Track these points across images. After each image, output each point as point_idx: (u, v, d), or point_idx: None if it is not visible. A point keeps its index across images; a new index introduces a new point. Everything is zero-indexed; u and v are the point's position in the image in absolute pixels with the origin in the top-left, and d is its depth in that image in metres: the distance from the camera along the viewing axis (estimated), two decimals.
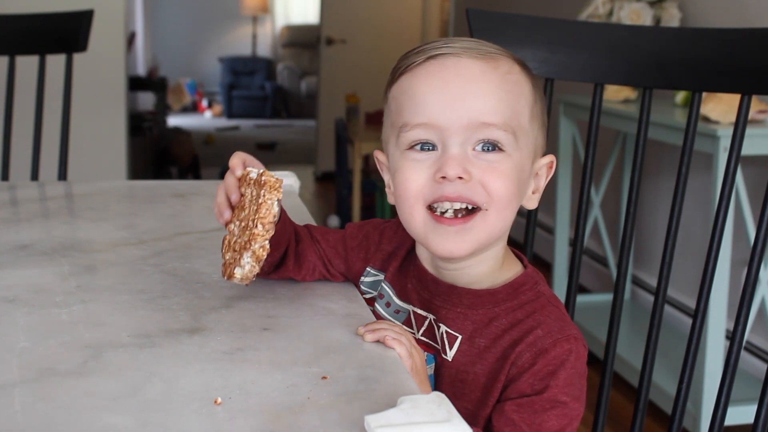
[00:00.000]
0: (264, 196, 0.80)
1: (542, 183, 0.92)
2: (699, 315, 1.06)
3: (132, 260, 1.04)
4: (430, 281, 0.91)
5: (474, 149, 0.84)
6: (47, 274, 0.98)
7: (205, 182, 1.54)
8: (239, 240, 0.81)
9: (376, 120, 4.95)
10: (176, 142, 6.08)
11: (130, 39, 6.28)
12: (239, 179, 0.87)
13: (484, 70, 0.85)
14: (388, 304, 0.94)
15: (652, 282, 3.12)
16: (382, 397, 0.69)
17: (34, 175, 1.69)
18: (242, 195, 0.86)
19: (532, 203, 0.91)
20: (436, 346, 0.89)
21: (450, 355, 0.87)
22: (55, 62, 1.84)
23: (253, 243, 0.77)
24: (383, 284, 0.95)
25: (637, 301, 3.19)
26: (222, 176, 0.91)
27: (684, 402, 1.07)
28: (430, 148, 0.85)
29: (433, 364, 0.88)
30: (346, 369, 0.75)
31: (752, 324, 2.46)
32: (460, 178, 0.82)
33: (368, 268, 0.97)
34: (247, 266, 0.78)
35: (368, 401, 0.68)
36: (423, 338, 0.90)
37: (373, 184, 4.73)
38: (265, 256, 0.79)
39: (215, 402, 0.67)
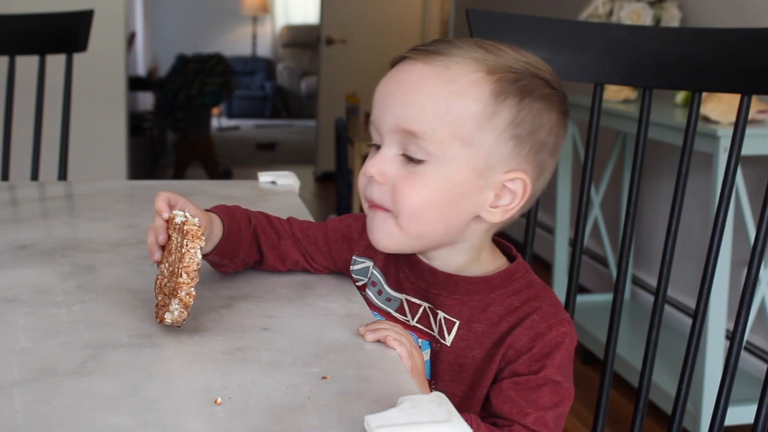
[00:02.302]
0: (187, 245, 0.82)
1: (516, 202, 0.88)
2: (699, 315, 1.06)
3: (132, 260, 1.04)
4: (426, 271, 0.93)
5: (404, 155, 0.87)
6: (47, 274, 0.98)
7: (205, 182, 1.54)
8: (168, 284, 0.83)
9: None
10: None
11: (130, 39, 6.29)
12: (167, 221, 0.88)
13: (423, 77, 0.85)
14: (380, 292, 0.96)
15: (652, 282, 3.12)
16: (382, 397, 0.69)
17: (34, 175, 1.69)
18: (170, 237, 0.87)
19: (493, 217, 0.88)
20: (431, 333, 0.91)
21: (449, 340, 0.90)
22: (55, 62, 1.84)
23: (179, 291, 0.80)
24: (373, 270, 0.98)
25: (637, 301, 3.19)
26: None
27: (684, 402, 1.07)
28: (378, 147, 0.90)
29: (429, 350, 0.91)
30: (346, 369, 0.75)
31: (752, 324, 2.46)
32: (374, 179, 0.87)
33: (354, 257, 1.00)
34: (176, 312, 0.81)
35: (368, 401, 0.68)
36: (418, 325, 0.92)
37: None
38: (191, 302, 0.81)
39: (215, 402, 0.67)
